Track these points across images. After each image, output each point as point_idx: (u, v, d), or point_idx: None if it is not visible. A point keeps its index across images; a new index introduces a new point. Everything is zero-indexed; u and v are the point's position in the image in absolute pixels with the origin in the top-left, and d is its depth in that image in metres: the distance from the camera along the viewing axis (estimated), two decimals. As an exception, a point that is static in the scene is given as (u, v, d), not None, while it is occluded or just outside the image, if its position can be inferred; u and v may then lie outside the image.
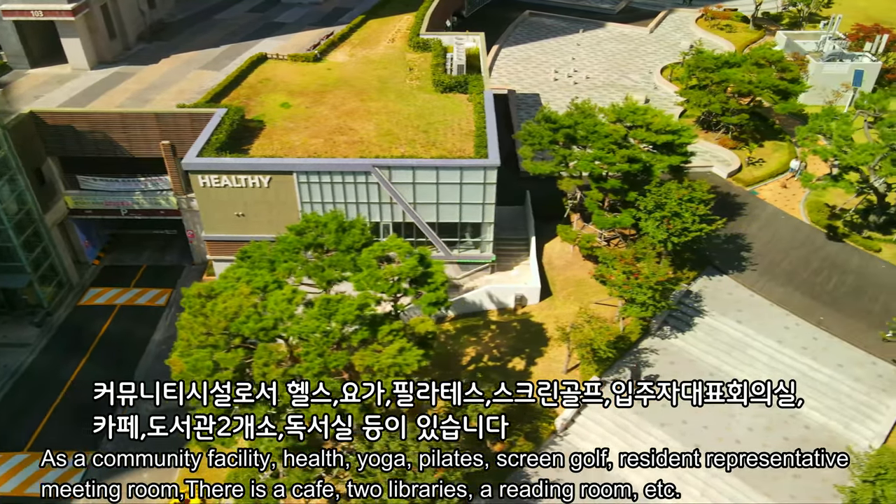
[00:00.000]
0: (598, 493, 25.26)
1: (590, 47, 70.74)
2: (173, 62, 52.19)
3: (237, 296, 27.43)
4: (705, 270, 39.74)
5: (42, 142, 42.62)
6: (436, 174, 36.65)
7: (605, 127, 36.63)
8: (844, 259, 40.18)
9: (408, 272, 28.88)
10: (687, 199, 35.38)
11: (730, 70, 48.68)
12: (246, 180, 36.93)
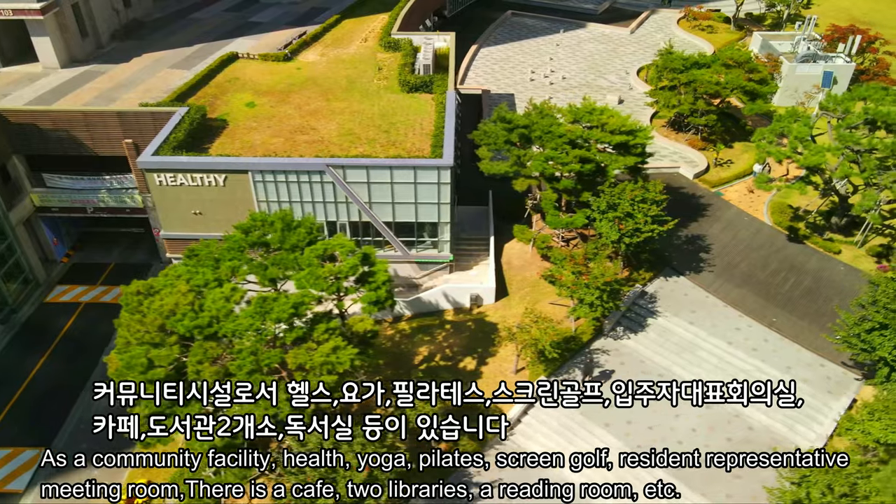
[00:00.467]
0: (540, 493, 25.47)
1: (569, 48, 70.71)
2: (144, 61, 52.42)
3: (175, 293, 27.60)
4: (663, 271, 39.71)
5: (6, 140, 42.83)
6: (390, 174, 36.73)
7: (560, 127, 36.63)
8: (803, 261, 40.10)
9: (347, 271, 28.97)
10: (639, 200, 35.35)
11: (698, 71, 48.61)
12: (202, 179, 37.07)
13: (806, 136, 38.29)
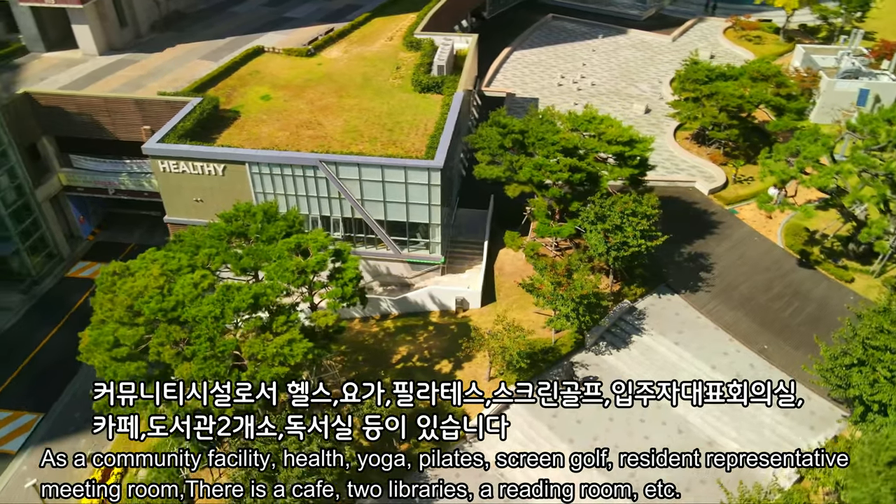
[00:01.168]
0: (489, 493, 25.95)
1: (605, 54, 69.32)
2: (177, 52, 54.43)
3: (146, 276, 28.65)
4: (657, 288, 38.53)
5: (37, 121, 45.34)
6: (381, 172, 36.97)
7: (556, 135, 36.01)
8: (810, 287, 38.14)
9: (314, 265, 29.37)
10: (629, 213, 34.41)
11: (722, 83, 46.84)
12: (202, 168, 38.26)
13: (819, 155, 36.39)
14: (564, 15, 79.15)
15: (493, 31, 74.89)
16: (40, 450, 35.61)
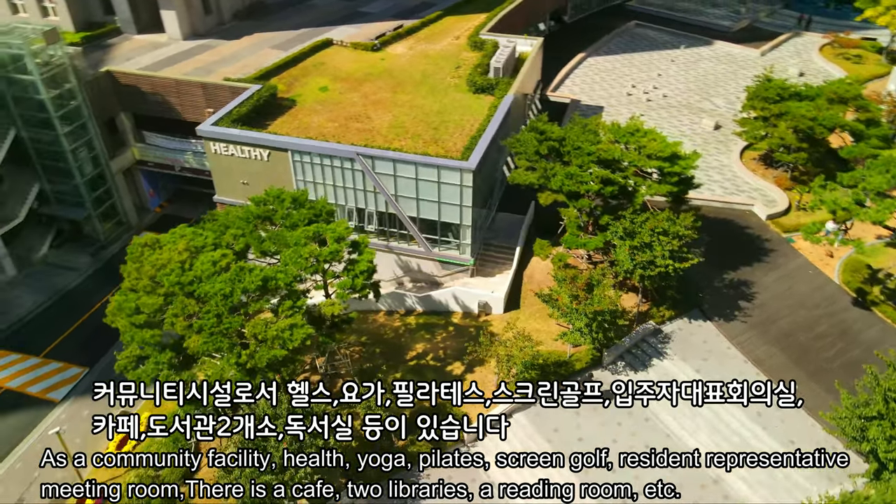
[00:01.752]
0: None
1: (685, 65, 66.59)
2: (252, 40, 56.96)
3: (172, 250, 30.31)
4: (689, 312, 36.79)
5: (116, 98, 48.79)
6: (415, 169, 37.29)
7: (591, 146, 35.04)
8: (860, 329, 35.25)
9: (326, 255, 30.06)
10: (660, 232, 33.02)
11: (794, 103, 43.99)
12: (249, 152, 39.92)
13: (884, 188, 33.54)
14: (649, 23, 76.67)
15: (570, 35, 73.65)
16: (80, 401, 38.67)
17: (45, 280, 47.59)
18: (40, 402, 38.56)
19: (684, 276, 37.64)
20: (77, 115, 46.05)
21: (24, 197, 47.83)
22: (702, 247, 39.94)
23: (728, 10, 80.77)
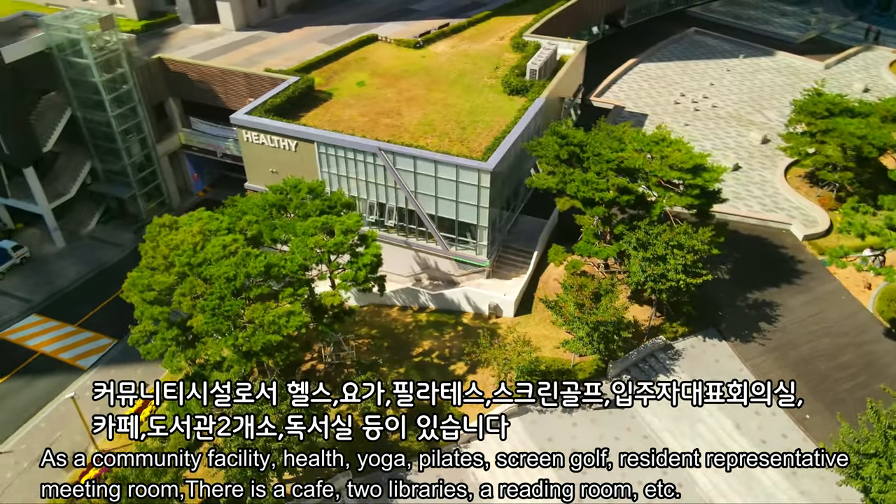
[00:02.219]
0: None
1: (741, 75, 64.11)
2: (302, 33, 58.34)
3: (187, 232, 31.52)
4: (704, 330, 35.50)
5: (165, 84, 50.99)
6: (434, 167, 37.43)
7: (612, 153, 34.28)
8: (889, 363, 33.17)
9: (330, 246, 30.58)
10: (675, 245, 32.01)
11: (843, 120, 41.76)
12: (278, 142, 40.98)
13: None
14: (710, 30, 74.14)
15: (625, 40, 72.10)
16: (106, 369, 40.70)
17: (90, 254, 50.25)
18: (70, 369, 40.81)
19: (704, 293, 36.46)
20: (128, 99, 48.40)
21: (77, 174, 50.65)
22: (728, 264, 38.72)
23: (797, 20, 77.27)
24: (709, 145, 52.04)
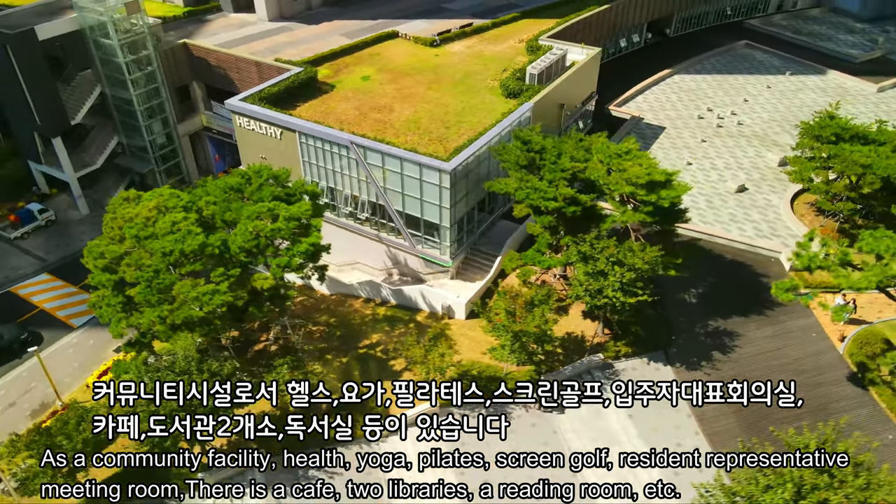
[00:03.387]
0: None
1: (780, 93, 60.59)
2: (327, 27, 59.93)
3: (144, 206, 33.48)
4: (652, 353, 34.15)
5: (189, 68, 53.85)
6: (400, 164, 37.83)
7: (568, 161, 33.53)
8: (844, 408, 30.69)
9: (267, 231, 31.63)
10: (614, 261, 31.00)
11: (849, 146, 38.91)
12: (266, 129, 42.53)
13: (884, 251, 29.03)
14: (763, 44, 70.32)
15: (667, 50, 69.60)
16: (91, 331, 43.55)
17: (108, 222, 53.82)
18: (63, 326, 44.02)
19: (662, 315, 35.26)
20: (151, 80, 51.51)
21: (104, 147, 54.40)
22: (701, 287, 37.23)
23: (864, 39, 71.99)
24: (720, 163, 49.72)
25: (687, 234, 42.14)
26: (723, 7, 75.50)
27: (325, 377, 34.42)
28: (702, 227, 42.48)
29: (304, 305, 41.89)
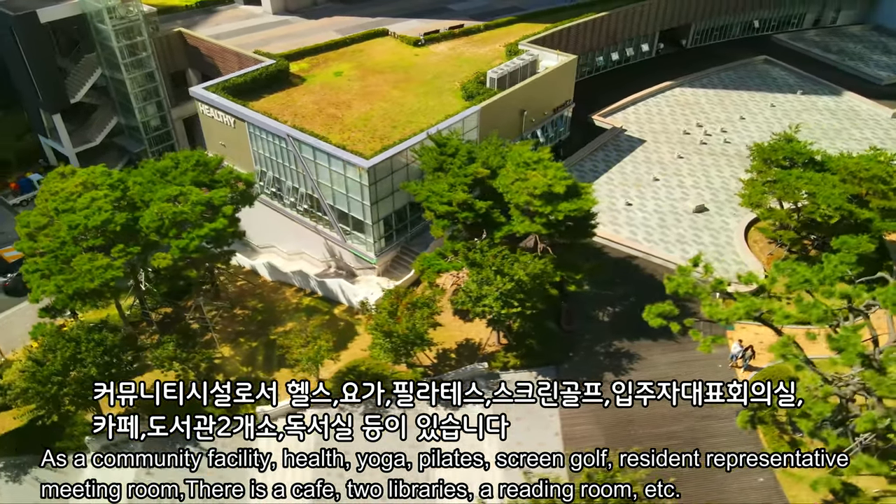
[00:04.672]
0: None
1: (783, 112, 57.45)
2: (326, 23, 61.38)
3: (72, 182, 35.74)
4: (543, 368, 33.50)
5: (184, 54, 56.56)
6: (328, 159, 38.63)
7: (469, 167, 33.34)
8: (719, 444, 29.23)
9: (169, 214, 33.10)
10: (496, 270, 30.62)
11: (796, 171, 36.78)
12: (223, 118, 44.28)
13: (769, 283, 27.44)
14: (784, 60, 66.68)
15: (679, 61, 67.09)
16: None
17: (101, 196, 57.28)
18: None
19: (562, 329, 34.61)
20: (145, 65, 54.46)
21: (104, 126, 57.94)
22: (619, 306, 36.38)
23: (900, 60, 67.14)
24: (689, 182, 47.83)
25: (624, 251, 41.01)
26: (749, 20, 72.06)
27: (229, 360, 35.72)
28: (644, 245, 41.13)
29: (242, 289, 43.41)
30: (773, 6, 71.61)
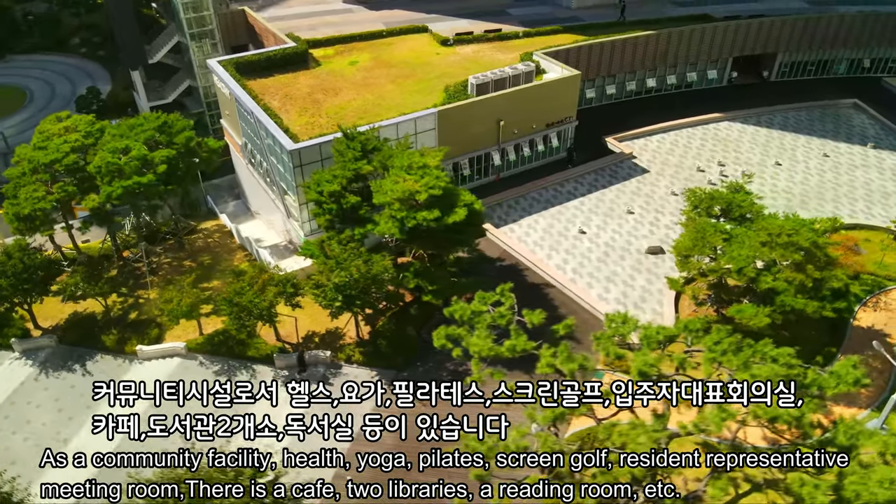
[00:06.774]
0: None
1: (833, 166, 50.07)
2: (383, 15, 64.05)
3: (59, 125, 42.04)
4: (383, 371, 33.58)
5: (246, 30, 62.45)
6: (273, 139, 41.33)
7: (356, 163, 34.20)
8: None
9: (93, 170, 37.80)
10: (337, 263, 31.49)
11: (720, 225, 32.98)
12: (225, 90, 48.76)
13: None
14: (879, 107, 57.82)
15: (748, 93, 60.67)
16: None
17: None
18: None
19: (419, 336, 34.70)
20: (209, 36, 61.06)
21: (177, 86, 65.88)
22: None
23: None
24: (665, 221, 44.17)
25: (544, 277, 39.28)
26: (859, 58, 63.03)
27: (149, 301, 40.16)
28: (565, 277, 39.11)
29: (208, 245, 47.82)
30: (890, 44, 61.96)
